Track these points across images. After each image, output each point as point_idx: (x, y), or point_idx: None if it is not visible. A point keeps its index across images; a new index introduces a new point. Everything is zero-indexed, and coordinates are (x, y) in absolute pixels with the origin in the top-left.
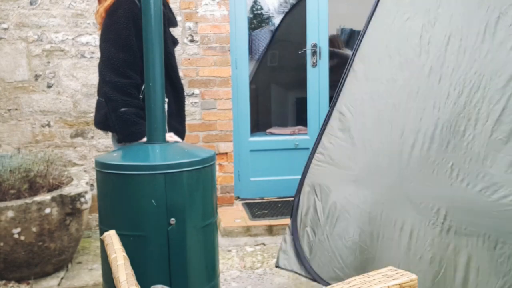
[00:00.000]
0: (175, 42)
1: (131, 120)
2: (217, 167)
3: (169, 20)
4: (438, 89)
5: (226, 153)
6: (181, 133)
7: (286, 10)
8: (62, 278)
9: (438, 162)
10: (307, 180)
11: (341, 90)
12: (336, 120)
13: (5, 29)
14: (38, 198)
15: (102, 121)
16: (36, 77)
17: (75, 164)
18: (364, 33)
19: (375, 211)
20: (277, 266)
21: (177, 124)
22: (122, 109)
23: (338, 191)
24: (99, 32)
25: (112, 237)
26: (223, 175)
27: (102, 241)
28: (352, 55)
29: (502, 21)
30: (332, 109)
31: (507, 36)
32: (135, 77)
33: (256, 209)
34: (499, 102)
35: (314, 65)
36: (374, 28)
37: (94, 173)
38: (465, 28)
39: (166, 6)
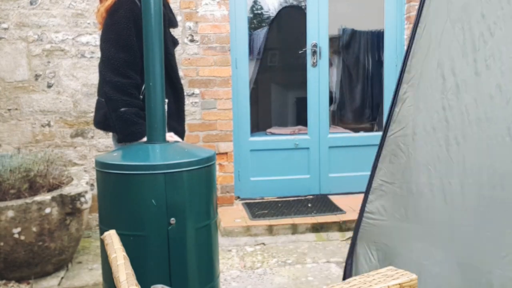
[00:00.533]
0: (175, 42)
1: (131, 120)
2: (217, 167)
3: (169, 20)
4: (510, 112)
5: (226, 153)
6: (180, 133)
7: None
8: (62, 278)
9: None
10: (360, 238)
11: (389, 124)
12: (386, 162)
13: (5, 28)
14: (38, 198)
15: (102, 121)
16: (36, 77)
17: (75, 164)
18: (410, 51)
19: (447, 273)
20: None
21: (177, 124)
22: (122, 109)
23: (397, 249)
24: (99, 32)
25: (112, 237)
26: (223, 175)
27: (102, 241)
28: (399, 80)
29: None
30: (381, 150)
31: None
32: (135, 77)
33: (256, 209)
34: None
35: (314, 65)
36: (420, 43)
37: (94, 173)
38: None
39: (166, 6)
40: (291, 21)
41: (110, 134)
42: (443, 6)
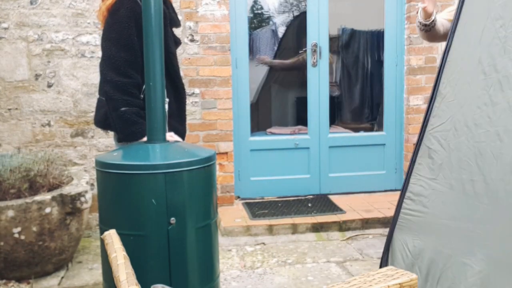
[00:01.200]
0: (177, 42)
1: (131, 119)
2: (217, 167)
3: (172, 20)
4: None
5: (226, 153)
6: (181, 133)
7: (287, 10)
8: (62, 278)
9: None
10: (396, 233)
11: (428, 119)
12: (425, 157)
13: (5, 28)
14: (38, 198)
15: (102, 120)
16: (36, 76)
17: (75, 164)
18: (449, 47)
19: (488, 271)
20: None
21: (178, 124)
22: (123, 109)
23: (436, 246)
24: (100, 31)
25: (112, 237)
26: (223, 174)
27: (102, 241)
28: (438, 75)
29: None
30: (420, 144)
31: None
32: (136, 77)
33: (256, 208)
34: None
35: (314, 64)
36: (460, 40)
37: (94, 172)
38: None
39: (168, 6)
40: (291, 21)
41: (111, 133)
42: (484, 3)
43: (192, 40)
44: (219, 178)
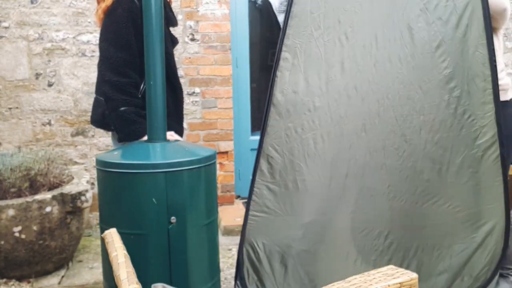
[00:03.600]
0: (174, 41)
1: (130, 119)
2: (217, 166)
3: (169, 19)
4: (365, 109)
5: (226, 152)
6: (179, 133)
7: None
8: (62, 277)
9: (375, 187)
10: (248, 234)
11: (265, 128)
12: (265, 163)
13: (6, 27)
14: (38, 197)
15: (100, 120)
16: (37, 75)
17: (75, 163)
18: (278, 60)
19: (317, 250)
20: None
21: (175, 124)
22: (122, 108)
23: (280, 239)
24: (99, 30)
25: (113, 235)
26: (224, 174)
27: (103, 239)
28: (270, 86)
29: (421, 19)
30: (259, 152)
31: (429, 36)
32: (134, 76)
33: None
34: (430, 113)
35: None
36: (288, 51)
37: (94, 171)
38: (381, 36)
39: (165, 5)
40: None
41: (111, 132)
42: (306, 15)
43: (192, 39)
44: (219, 178)
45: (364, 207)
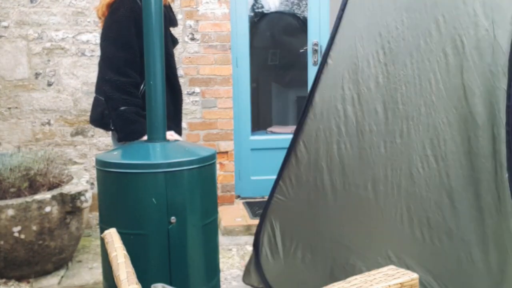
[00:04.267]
0: (174, 41)
1: (130, 118)
2: (217, 166)
3: (170, 19)
4: (389, 127)
5: (226, 152)
6: (177, 134)
7: (287, 8)
8: (62, 277)
9: (386, 207)
10: (269, 213)
11: (301, 125)
12: (294, 156)
13: (5, 27)
14: (38, 197)
15: (99, 119)
16: (37, 75)
17: (75, 163)
18: (324, 63)
19: (331, 250)
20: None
21: (174, 125)
22: (122, 108)
23: (299, 229)
24: (99, 30)
25: (112, 235)
26: (224, 173)
27: (102, 239)
28: (312, 87)
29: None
30: (291, 145)
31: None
32: (135, 76)
33: (256, 208)
34: (448, 148)
35: (315, 63)
36: (332, 58)
37: (94, 171)
38: (416, 56)
39: (166, 5)
40: (293, 20)
41: (111, 132)
42: (353, 25)
43: (192, 39)
44: (219, 177)
45: (369, 223)
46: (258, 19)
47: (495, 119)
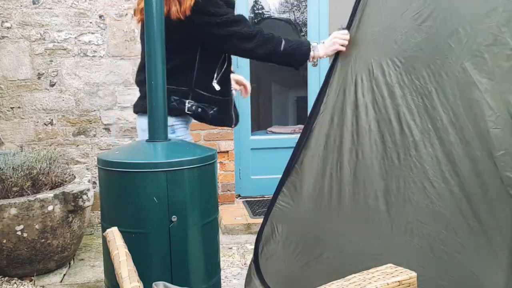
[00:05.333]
0: None
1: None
2: (218, 165)
3: None
4: (405, 140)
5: (227, 152)
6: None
7: (287, 9)
8: (64, 275)
9: (396, 219)
10: (271, 217)
11: (310, 129)
12: (300, 164)
13: (8, 27)
14: (40, 196)
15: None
16: (39, 75)
17: (77, 162)
18: (332, 74)
19: (338, 259)
20: None
21: (236, 110)
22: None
23: (295, 232)
24: (102, 31)
25: (114, 234)
26: (224, 173)
27: (104, 238)
28: (321, 90)
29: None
30: (300, 150)
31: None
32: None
33: (256, 207)
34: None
35: (315, 64)
36: (344, 59)
37: (96, 170)
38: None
39: None
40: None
41: (112, 132)
42: (365, 29)
43: None
44: (220, 177)
45: (378, 233)
46: (258, 20)
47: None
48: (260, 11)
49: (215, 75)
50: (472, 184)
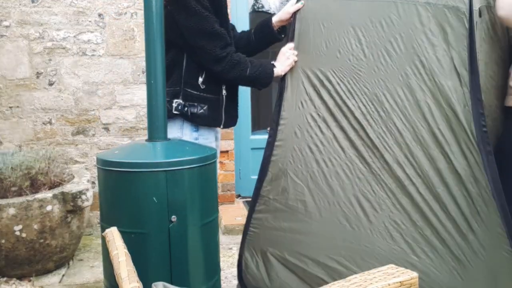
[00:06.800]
0: (233, 28)
1: (257, 68)
2: (218, 165)
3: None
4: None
5: (227, 151)
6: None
7: None
8: (63, 275)
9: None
10: (247, 243)
11: (272, 147)
12: (269, 181)
13: (6, 26)
14: (39, 196)
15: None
16: (38, 74)
17: (76, 162)
18: (285, 77)
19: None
20: None
21: (234, 111)
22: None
23: (281, 255)
24: (101, 29)
25: (113, 234)
26: (224, 173)
27: (103, 238)
28: (278, 103)
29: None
30: (265, 169)
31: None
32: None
33: None
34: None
35: None
36: (295, 74)
37: (95, 170)
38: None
39: None
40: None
41: (111, 131)
42: (306, 44)
43: None
44: (219, 177)
45: (358, 239)
46: (259, 19)
47: (461, 135)
48: (260, 10)
49: (202, 73)
50: (433, 182)
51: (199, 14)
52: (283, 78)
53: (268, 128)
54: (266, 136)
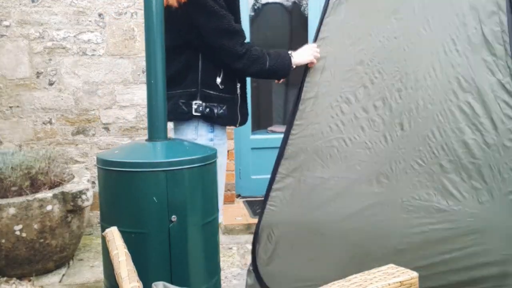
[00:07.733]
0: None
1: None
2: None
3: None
4: (389, 121)
5: (227, 151)
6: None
7: (288, 6)
8: (63, 275)
9: (389, 196)
10: (263, 221)
11: (292, 125)
12: (288, 158)
13: (6, 26)
14: (39, 195)
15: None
16: (38, 74)
17: (76, 162)
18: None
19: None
20: None
21: (245, 109)
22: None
23: (296, 235)
24: (101, 29)
25: (113, 234)
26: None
27: (103, 238)
28: (300, 88)
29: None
30: (284, 147)
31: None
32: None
33: (257, 206)
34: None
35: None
36: (322, 56)
37: (95, 170)
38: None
39: None
40: (293, 19)
41: (111, 131)
42: (336, 28)
43: None
44: None
45: (377, 218)
46: (259, 18)
47: (491, 107)
48: (260, 9)
49: (220, 73)
50: (458, 154)
51: (218, 13)
52: (304, 74)
53: (268, 128)
54: (266, 136)
